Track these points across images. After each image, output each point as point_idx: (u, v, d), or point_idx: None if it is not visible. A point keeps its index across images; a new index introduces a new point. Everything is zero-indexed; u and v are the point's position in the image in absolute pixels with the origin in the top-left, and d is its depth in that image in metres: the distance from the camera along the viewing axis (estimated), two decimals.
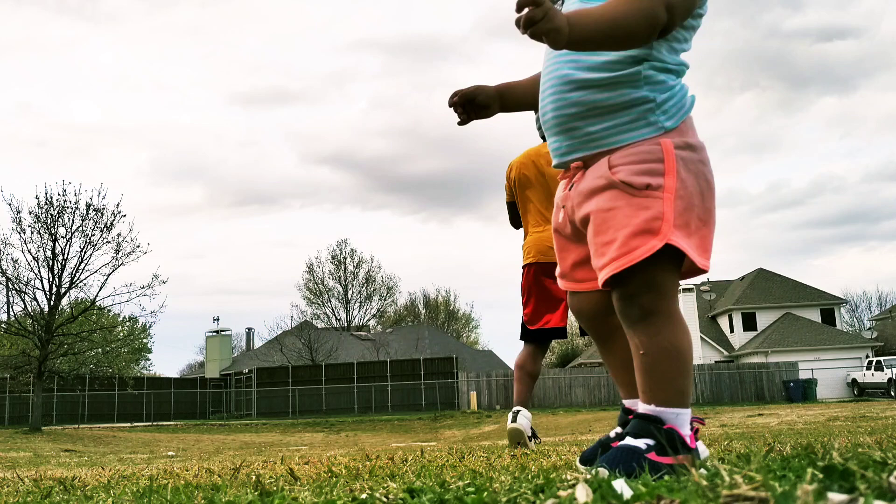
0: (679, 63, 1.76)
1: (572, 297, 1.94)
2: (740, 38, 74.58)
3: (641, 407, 1.69)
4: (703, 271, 1.71)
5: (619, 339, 1.86)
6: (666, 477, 1.34)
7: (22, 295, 24.29)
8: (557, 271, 1.94)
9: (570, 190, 1.79)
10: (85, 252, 24.59)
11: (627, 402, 2.00)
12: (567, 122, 1.74)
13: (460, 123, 2.03)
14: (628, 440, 1.64)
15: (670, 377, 1.66)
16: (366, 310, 58.93)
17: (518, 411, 3.94)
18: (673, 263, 1.65)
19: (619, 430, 1.96)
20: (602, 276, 1.67)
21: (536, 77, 1.97)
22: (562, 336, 4.27)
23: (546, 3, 1.49)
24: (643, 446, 1.60)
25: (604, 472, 1.51)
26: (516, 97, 2.09)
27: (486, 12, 71.64)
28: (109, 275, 24.77)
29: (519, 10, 1.49)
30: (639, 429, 1.64)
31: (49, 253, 24.29)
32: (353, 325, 56.96)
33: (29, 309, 24.56)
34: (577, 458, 1.91)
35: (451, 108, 2.03)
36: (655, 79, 1.70)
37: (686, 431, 1.67)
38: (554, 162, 1.84)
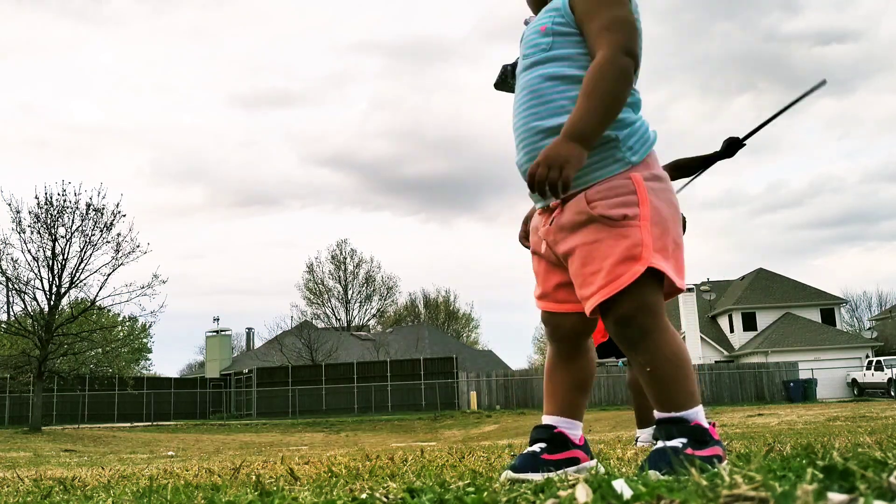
0: (633, 97, 1.84)
1: (551, 317, 1.96)
2: (738, 41, 74.56)
3: (659, 415, 1.78)
4: (680, 291, 1.82)
5: (582, 360, 1.97)
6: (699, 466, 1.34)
7: (22, 295, 24.27)
8: (537, 292, 1.99)
9: (550, 224, 1.87)
10: (85, 252, 24.54)
11: (550, 419, 1.95)
12: None
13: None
14: (664, 443, 1.73)
15: (679, 382, 1.76)
16: (366, 310, 58.97)
17: None
18: (658, 284, 1.77)
19: (542, 444, 1.89)
20: (590, 304, 1.76)
21: None
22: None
23: (548, 164, 1.67)
24: (679, 444, 1.70)
25: (655, 475, 1.53)
26: None
27: (486, 14, 71.72)
28: (109, 275, 24.73)
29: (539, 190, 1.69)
30: (669, 431, 1.75)
31: (49, 253, 24.26)
32: (353, 325, 56.92)
33: (29, 309, 24.54)
34: (509, 469, 1.81)
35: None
36: None
37: (706, 425, 1.77)
38: (538, 205, 1.96)
